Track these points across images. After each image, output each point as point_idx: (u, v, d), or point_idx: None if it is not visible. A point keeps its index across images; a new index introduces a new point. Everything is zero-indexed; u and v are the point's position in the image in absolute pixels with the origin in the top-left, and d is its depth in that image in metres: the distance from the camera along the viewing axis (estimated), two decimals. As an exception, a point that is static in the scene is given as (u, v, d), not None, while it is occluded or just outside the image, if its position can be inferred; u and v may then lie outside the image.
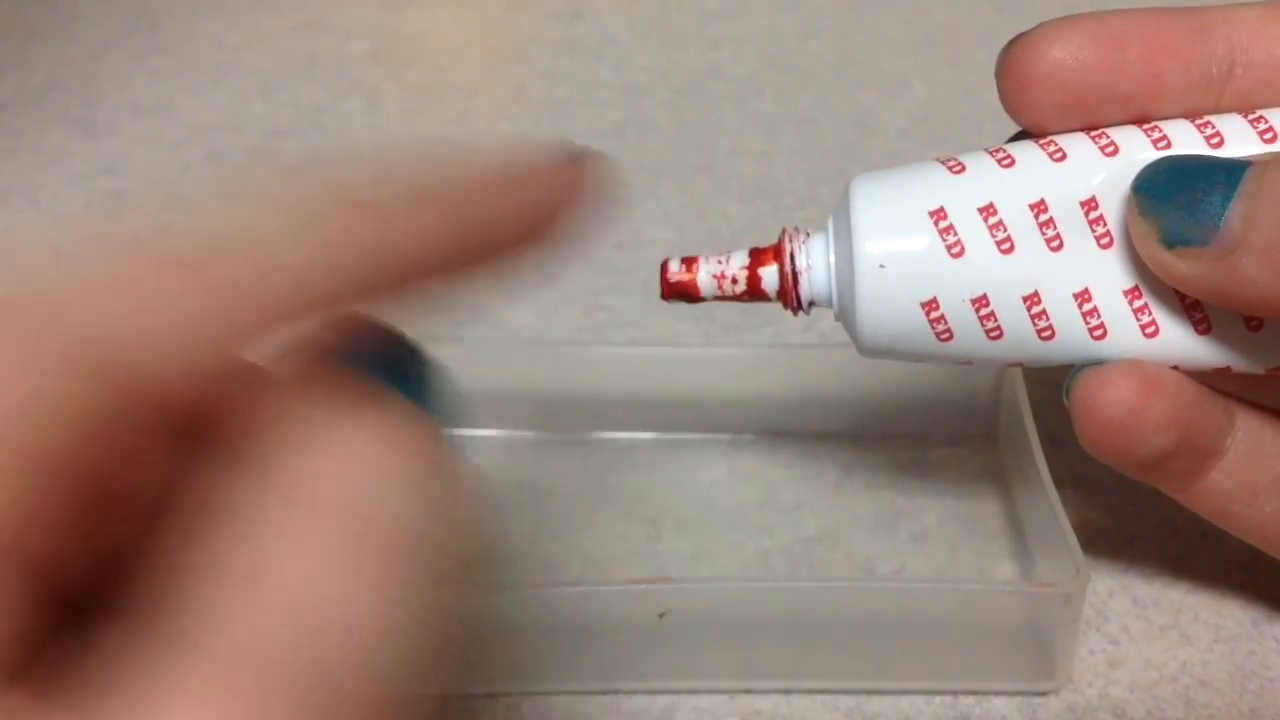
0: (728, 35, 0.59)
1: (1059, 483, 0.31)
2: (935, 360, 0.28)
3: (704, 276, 0.28)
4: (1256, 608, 0.32)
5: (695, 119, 0.53)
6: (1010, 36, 0.27)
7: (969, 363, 0.28)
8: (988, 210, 0.26)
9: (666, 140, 0.52)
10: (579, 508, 0.35)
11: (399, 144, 0.51)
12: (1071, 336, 0.27)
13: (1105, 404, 0.27)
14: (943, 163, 0.27)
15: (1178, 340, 0.27)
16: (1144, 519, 0.34)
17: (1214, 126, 0.26)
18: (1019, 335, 0.27)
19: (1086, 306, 0.27)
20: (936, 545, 0.34)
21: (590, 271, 0.44)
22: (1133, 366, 0.27)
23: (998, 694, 0.30)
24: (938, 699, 0.30)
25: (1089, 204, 0.26)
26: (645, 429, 0.37)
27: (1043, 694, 0.30)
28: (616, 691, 0.30)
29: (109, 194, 0.49)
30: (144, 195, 0.48)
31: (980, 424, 0.37)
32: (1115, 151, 0.26)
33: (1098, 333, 0.27)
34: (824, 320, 0.41)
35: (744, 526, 0.34)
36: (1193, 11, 0.27)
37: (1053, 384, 0.38)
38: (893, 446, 0.37)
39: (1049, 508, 0.31)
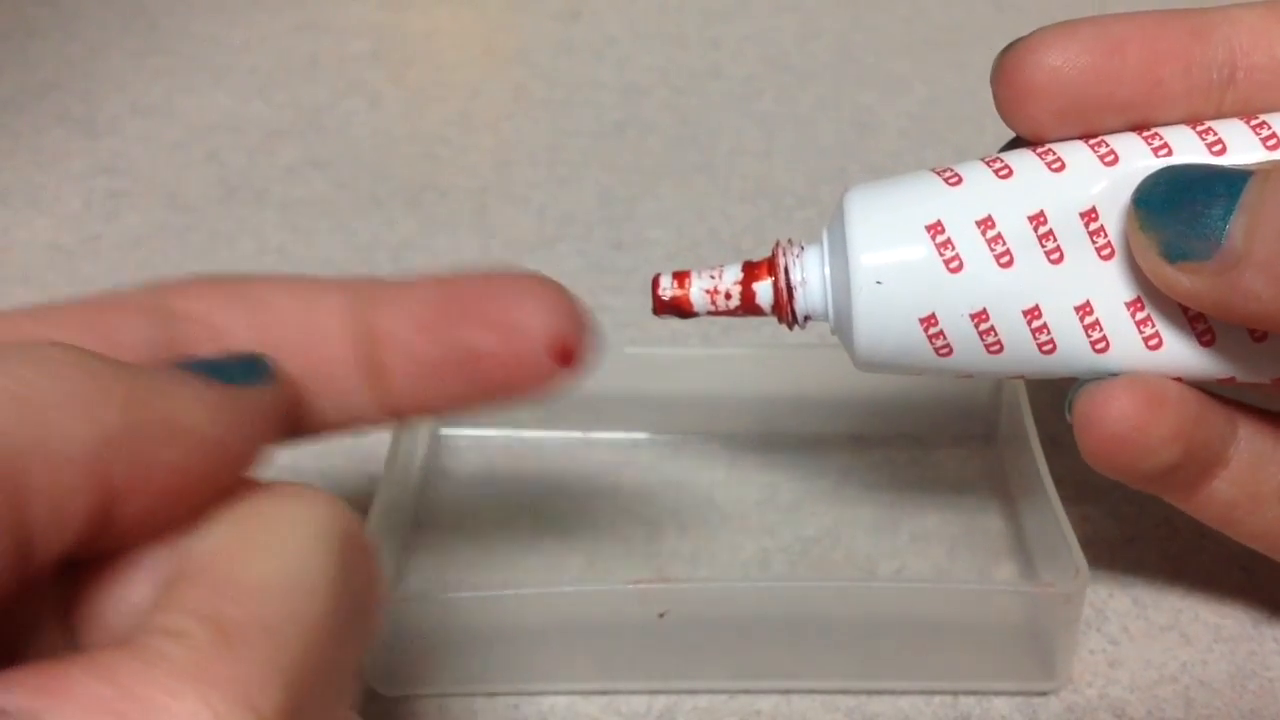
0: (728, 35, 0.59)
1: (1059, 483, 0.31)
2: (934, 374, 0.27)
3: (696, 292, 0.28)
4: (1256, 608, 0.32)
5: (695, 119, 0.53)
6: (1010, 37, 0.27)
7: (969, 376, 0.28)
8: (986, 223, 0.26)
9: (666, 140, 0.52)
10: (579, 508, 0.35)
11: (399, 145, 0.51)
12: (1073, 350, 0.26)
13: (1109, 420, 0.26)
14: (938, 174, 0.27)
15: (1181, 352, 0.26)
16: (1144, 519, 0.34)
17: (1216, 133, 0.26)
18: (1020, 349, 0.26)
19: (1088, 320, 0.26)
20: (936, 545, 0.34)
21: (590, 271, 0.44)
22: (1136, 381, 0.26)
23: (998, 694, 0.30)
24: (938, 699, 0.30)
25: (1089, 215, 0.26)
26: (645, 429, 0.37)
27: (1043, 694, 0.30)
28: (616, 691, 0.30)
29: (109, 194, 0.49)
30: (144, 195, 0.49)
31: (980, 425, 0.37)
32: (1115, 160, 0.26)
33: (1100, 346, 0.26)
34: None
35: (744, 526, 0.34)
36: (1192, 14, 0.27)
37: (1053, 385, 0.38)
38: (893, 447, 0.37)
39: (1049, 508, 0.31)
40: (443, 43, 0.61)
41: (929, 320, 0.26)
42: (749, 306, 0.28)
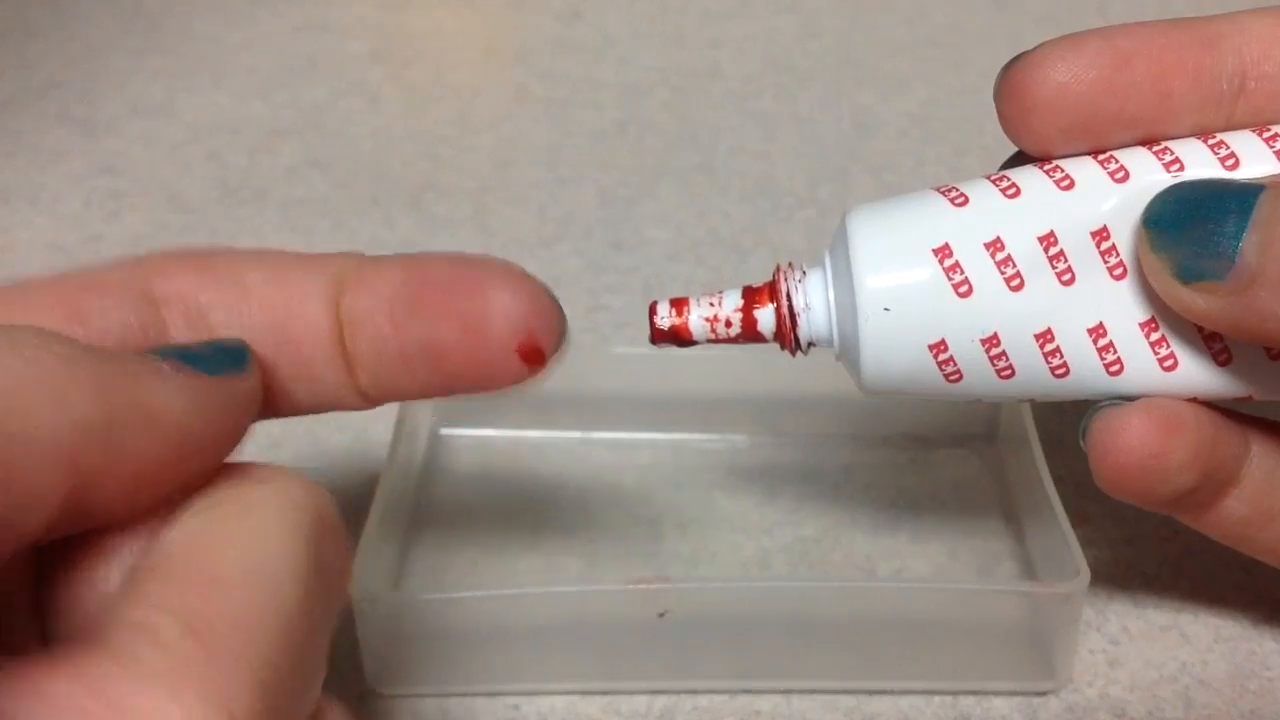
0: (728, 35, 0.59)
1: (1059, 482, 0.31)
2: (942, 399, 0.27)
3: (695, 320, 0.27)
4: (1256, 608, 0.32)
5: (695, 119, 0.53)
6: (1010, 37, 0.27)
7: (978, 400, 0.27)
8: (995, 245, 0.25)
9: (666, 140, 0.52)
10: (579, 508, 0.35)
11: (398, 145, 0.51)
12: (1087, 373, 0.26)
13: (1125, 448, 0.26)
14: (943, 193, 0.26)
15: (1197, 372, 0.26)
16: (1144, 519, 0.34)
17: (1228, 146, 0.25)
18: (1032, 374, 0.26)
19: (1101, 342, 0.26)
20: (936, 545, 0.34)
21: (590, 271, 0.44)
22: (1151, 406, 0.26)
23: (998, 694, 0.30)
24: (938, 699, 0.30)
25: (1100, 234, 0.25)
26: (645, 429, 0.37)
27: (1043, 694, 0.30)
28: (616, 691, 0.30)
29: (109, 194, 0.49)
30: (144, 195, 0.49)
31: (980, 424, 0.37)
32: (1125, 177, 0.25)
33: (1114, 368, 0.26)
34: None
35: (744, 526, 0.34)
36: (1200, 23, 0.26)
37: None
38: (893, 446, 0.37)
39: (1049, 508, 0.31)
40: (443, 43, 0.61)
41: (938, 346, 0.25)
42: (750, 334, 0.27)
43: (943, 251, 0.25)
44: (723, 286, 0.28)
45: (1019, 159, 0.27)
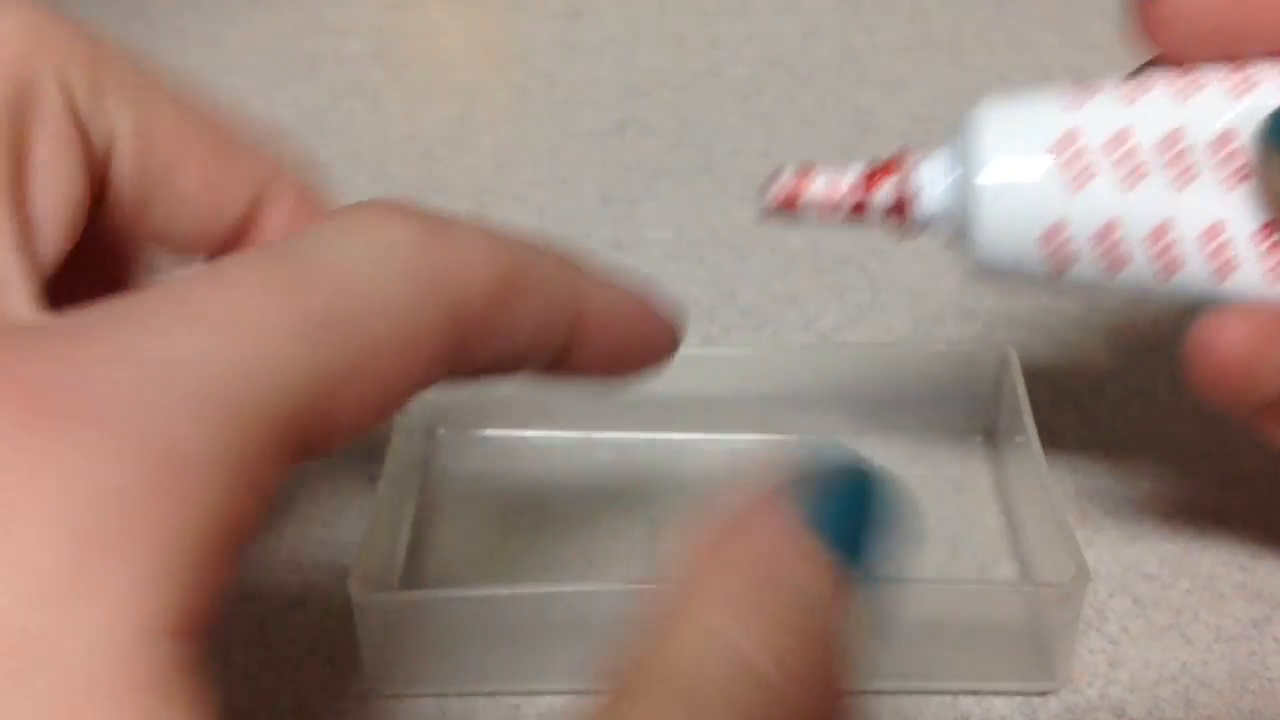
0: (728, 35, 0.59)
1: (1059, 483, 0.31)
2: (1048, 287, 0.27)
3: (816, 186, 0.27)
4: (1256, 608, 0.32)
5: (695, 119, 0.53)
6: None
7: (1081, 292, 0.27)
8: (1116, 141, 0.26)
9: (666, 140, 0.51)
10: (579, 508, 0.35)
11: (400, 146, 0.51)
12: (1194, 275, 0.26)
13: (1222, 345, 0.26)
14: (1073, 90, 0.27)
15: None
16: (1144, 519, 0.34)
17: None
18: (1139, 271, 0.26)
19: (1211, 246, 0.26)
20: (936, 545, 0.34)
21: (590, 271, 0.44)
22: (1253, 309, 0.26)
23: (998, 694, 0.30)
24: (937, 699, 0.30)
25: (1222, 140, 0.26)
26: (645, 429, 0.37)
27: (1043, 694, 0.30)
28: (616, 691, 0.30)
29: (109, 194, 0.48)
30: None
31: (980, 422, 0.37)
32: (1253, 87, 0.26)
33: (1221, 273, 0.26)
34: (824, 319, 0.41)
35: (744, 526, 0.34)
36: None
37: (1053, 382, 0.38)
38: (893, 445, 0.37)
39: (1049, 507, 0.30)
40: (443, 43, 0.61)
41: (1050, 234, 0.26)
42: (865, 207, 0.27)
43: (1064, 143, 0.26)
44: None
45: (1153, 67, 0.27)
